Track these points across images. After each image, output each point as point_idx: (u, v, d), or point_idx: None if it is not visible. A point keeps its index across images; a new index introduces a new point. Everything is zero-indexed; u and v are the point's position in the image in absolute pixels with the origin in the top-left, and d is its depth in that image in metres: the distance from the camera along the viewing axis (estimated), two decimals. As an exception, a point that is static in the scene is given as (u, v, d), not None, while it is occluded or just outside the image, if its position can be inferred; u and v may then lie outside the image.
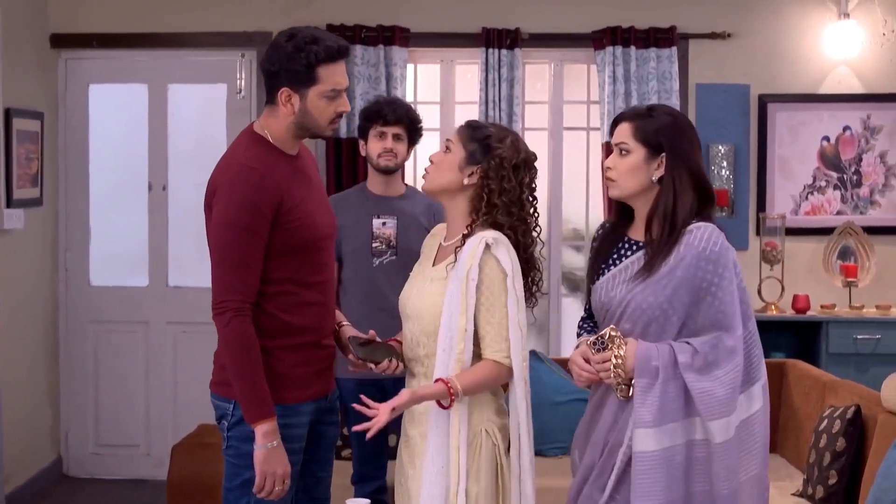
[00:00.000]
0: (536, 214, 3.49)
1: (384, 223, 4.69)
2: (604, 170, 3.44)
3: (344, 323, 3.67)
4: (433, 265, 3.49)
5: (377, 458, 4.82)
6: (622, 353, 3.22)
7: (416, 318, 3.41)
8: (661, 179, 3.31)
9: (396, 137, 4.80)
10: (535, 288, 3.52)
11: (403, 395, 3.30)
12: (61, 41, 6.97)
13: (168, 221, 7.06)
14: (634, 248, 3.36)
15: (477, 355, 3.37)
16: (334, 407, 3.71)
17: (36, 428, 6.80)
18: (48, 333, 6.99)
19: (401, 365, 3.49)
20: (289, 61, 3.39)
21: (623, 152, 3.33)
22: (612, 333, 3.24)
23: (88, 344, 7.09)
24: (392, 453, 4.07)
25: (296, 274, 3.46)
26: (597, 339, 3.24)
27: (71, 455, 7.14)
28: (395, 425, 3.56)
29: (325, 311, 3.55)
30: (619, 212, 3.47)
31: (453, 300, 3.31)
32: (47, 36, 6.93)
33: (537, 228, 3.49)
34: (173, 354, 7.04)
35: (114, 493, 6.81)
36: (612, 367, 3.22)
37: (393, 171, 4.81)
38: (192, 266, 6.93)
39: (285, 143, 3.52)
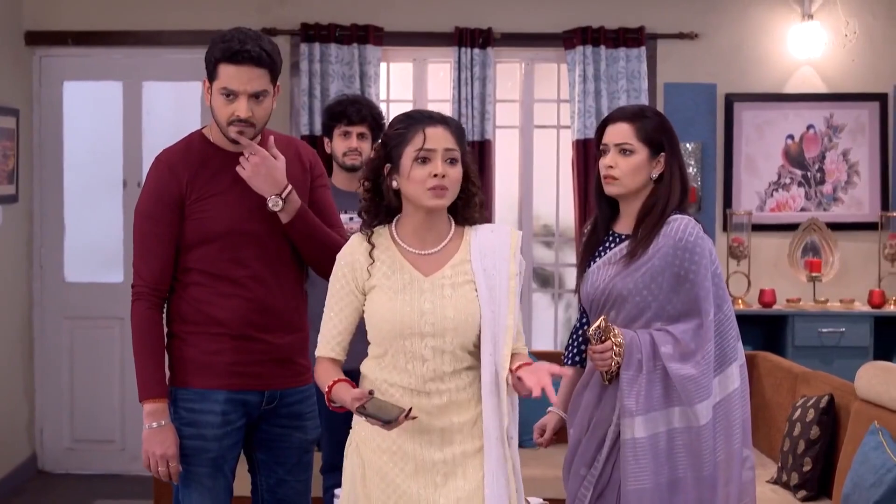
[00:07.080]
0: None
1: (351, 218, 4.73)
2: (599, 169, 3.56)
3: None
4: (426, 275, 3.09)
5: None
6: (620, 342, 3.37)
7: (456, 331, 3.04)
8: (659, 176, 3.47)
9: (361, 136, 4.90)
10: None
11: (554, 367, 2.95)
12: (36, 38, 6.98)
13: (142, 218, 7.05)
14: (618, 240, 3.54)
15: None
16: (296, 413, 3.67)
17: (11, 424, 6.80)
18: (23, 329, 6.99)
19: (410, 412, 2.98)
20: (206, 53, 3.47)
21: (626, 152, 3.48)
22: (606, 324, 3.37)
23: (63, 340, 7.10)
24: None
25: (209, 266, 3.50)
26: (596, 329, 3.36)
27: (46, 451, 7.15)
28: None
29: (249, 305, 3.52)
30: (605, 207, 3.60)
31: (495, 300, 3.06)
32: (22, 33, 6.94)
33: None
34: (148, 350, 7.03)
35: (89, 489, 6.82)
36: (612, 355, 3.36)
37: (358, 169, 4.86)
38: (167, 263, 6.92)
39: (226, 142, 3.52)
